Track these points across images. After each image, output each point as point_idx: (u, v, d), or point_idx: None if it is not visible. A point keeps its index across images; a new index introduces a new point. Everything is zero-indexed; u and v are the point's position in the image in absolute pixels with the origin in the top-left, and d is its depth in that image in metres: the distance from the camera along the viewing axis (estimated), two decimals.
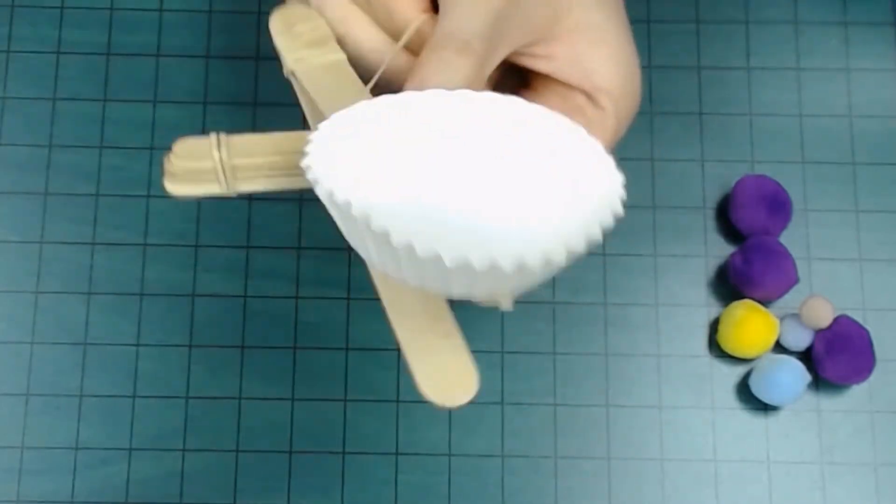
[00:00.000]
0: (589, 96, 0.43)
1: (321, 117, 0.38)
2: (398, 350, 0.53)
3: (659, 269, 0.54)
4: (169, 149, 0.36)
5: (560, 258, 0.31)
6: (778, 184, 0.53)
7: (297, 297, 0.53)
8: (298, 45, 0.41)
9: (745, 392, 0.53)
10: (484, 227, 0.34)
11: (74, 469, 0.51)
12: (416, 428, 0.52)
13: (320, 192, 0.32)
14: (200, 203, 0.55)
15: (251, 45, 0.56)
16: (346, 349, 0.53)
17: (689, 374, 0.53)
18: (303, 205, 0.54)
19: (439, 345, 0.35)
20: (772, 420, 0.53)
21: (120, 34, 0.56)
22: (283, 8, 0.42)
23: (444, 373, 0.35)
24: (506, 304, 0.35)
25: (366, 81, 0.40)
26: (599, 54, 0.42)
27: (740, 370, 0.53)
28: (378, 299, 0.53)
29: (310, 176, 0.32)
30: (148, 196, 0.55)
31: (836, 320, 0.52)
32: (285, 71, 0.41)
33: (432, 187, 0.35)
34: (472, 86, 0.38)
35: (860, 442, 0.52)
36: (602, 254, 0.54)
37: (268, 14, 0.57)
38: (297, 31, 0.41)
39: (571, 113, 0.42)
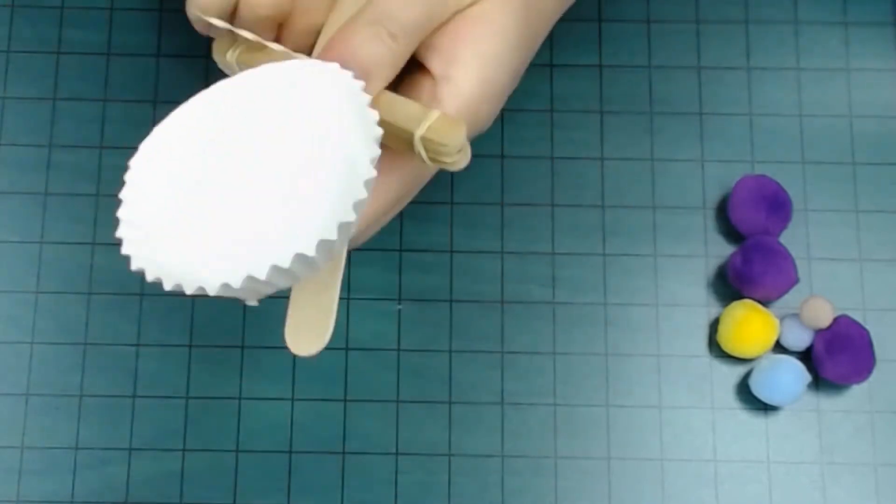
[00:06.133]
0: (435, 83, 0.39)
1: None
2: (398, 350, 0.53)
3: (659, 269, 0.54)
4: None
5: (262, 274, 0.34)
6: (778, 184, 0.53)
7: None
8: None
9: (745, 392, 0.53)
10: (194, 251, 0.35)
11: (74, 469, 0.51)
12: (416, 428, 0.52)
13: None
14: None
15: None
16: (346, 349, 0.53)
17: (689, 374, 0.53)
18: None
19: (318, 305, 0.39)
20: (772, 420, 0.53)
21: (120, 34, 0.56)
22: None
23: (304, 330, 0.39)
24: (251, 302, 0.37)
25: None
26: (477, 48, 0.39)
27: (740, 370, 0.53)
28: (373, 299, 0.54)
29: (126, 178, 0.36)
30: None
31: (836, 320, 0.52)
32: None
33: (174, 207, 0.36)
34: (393, 70, 0.38)
35: (860, 442, 0.52)
36: (602, 254, 0.54)
37: None
38: None
39: (404, 90, 0.40)
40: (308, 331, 0.39)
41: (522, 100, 0.56)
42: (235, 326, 0.53)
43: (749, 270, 0.51)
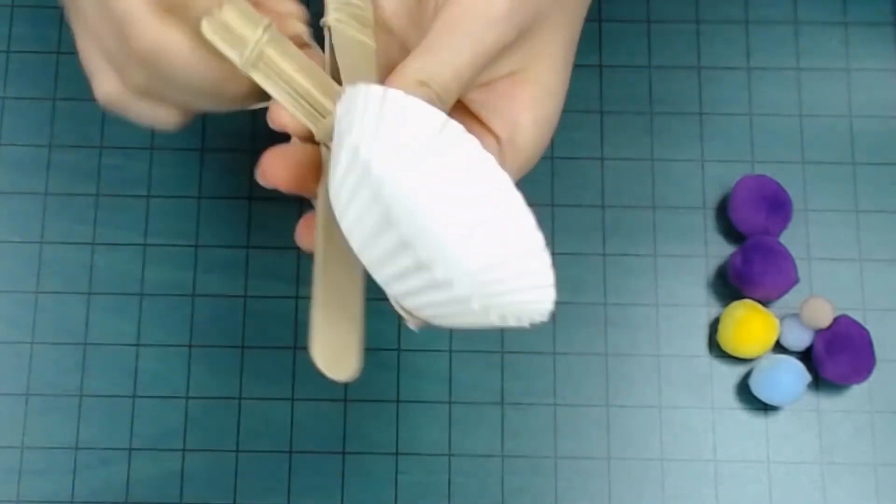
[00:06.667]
0: (500, 145, 0.42)
1: (341, 75, 0.40)
2: (398, 350, 0.53)
3: (659, 269, 0.54)
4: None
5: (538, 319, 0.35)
6: (778, 184, 0.53)
7: (297, 297, 0.53)
8: (345, 11, 0.42)
9: (745, 392, 0.53)
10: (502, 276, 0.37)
11: (74, 469, 0.51)
12: (416, 428, 0.52)
13: (344, 143, 0.33)
14: (200, 203, 0.55)
15: None
16: None
17: (689, 374, 0.53)
18: (303, 205, 0.54)
19: (344, 323, 0.38)
20: (772, 420, 0.53)
21: None
22: None
23: (336, 347, 0.38)
24: (413, 325, 0.38)
25: None
26: (534, 113, 0.42)
27: (740, 370, 0.53)
28: (373, 299, 0.54)
29: (340, 122, 0.34)
30: (148, 196, 0.55)
31: (836, 320, 0.52)
32: (323, 21, 0.41)
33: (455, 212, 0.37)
34: None
35: (860, 442, 0.52)
36: (602, 254, 0.54)
37: None
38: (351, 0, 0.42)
39: None
40: (340, 350, 0.39)
41: None
42: (235, 326, 0.53)
43: (749, 270, 0.51)
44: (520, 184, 0.39)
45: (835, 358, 0.51)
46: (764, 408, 0.53)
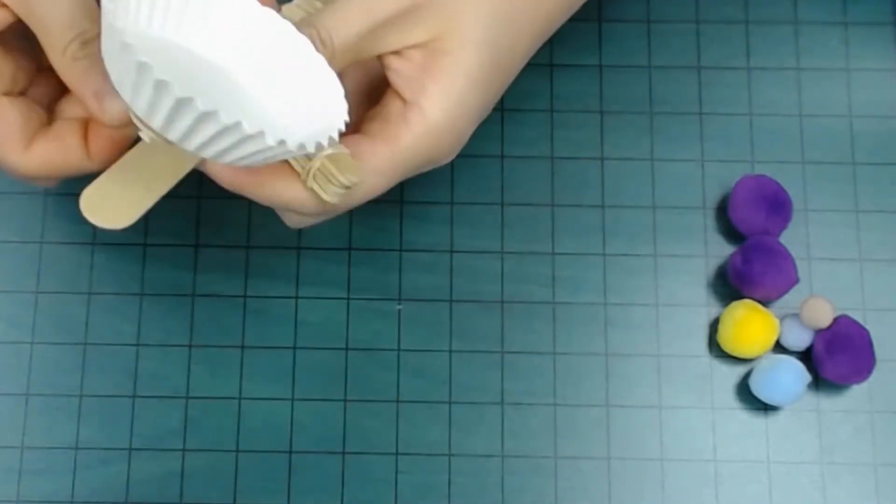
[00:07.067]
0: (407, 107, 0.42)
1: None
2: (398, 350, 0.53)
3: (659, 269, 0.54)
4: None
5: (293, 148, 0.37)
6: (778, 184, 0.53)
7: (297, 297, 0.53)
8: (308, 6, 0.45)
9: (745, 392, 0.53)
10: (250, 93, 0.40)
11: (74, 469, 0.51)
12: (416, 428, 0.52)
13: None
14: (200, 203, 0.55)
15: None
16: (346, 349, 0.53)
17: (689, 374, 0.53)
18: None
19: (135, 188, 0.41)
20: (772, 420, 0.53)
21: None
22: None
23: (112, 200, 0.41)
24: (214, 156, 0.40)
25: None
26: (444, 84, 0.42)
27: (740, 370, 0.53)
28: (373, 299, 0.53)
29: None
30: None
31: (836, 320, 0.52)
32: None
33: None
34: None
35: (860, 442, 0.52)
36: (602, 254, 0.54)
37: None
38: None
39: (376, 107, 0.43)
40: (118, 205, 0.41)
41: (522, 100, 0.56)
42: (235, 326, 0.53)
43: (749, 270, 0.51)
44: (520, 185, 0.39)
45: (835, 358, 0.51)
46: (764, 408, 0.53)
